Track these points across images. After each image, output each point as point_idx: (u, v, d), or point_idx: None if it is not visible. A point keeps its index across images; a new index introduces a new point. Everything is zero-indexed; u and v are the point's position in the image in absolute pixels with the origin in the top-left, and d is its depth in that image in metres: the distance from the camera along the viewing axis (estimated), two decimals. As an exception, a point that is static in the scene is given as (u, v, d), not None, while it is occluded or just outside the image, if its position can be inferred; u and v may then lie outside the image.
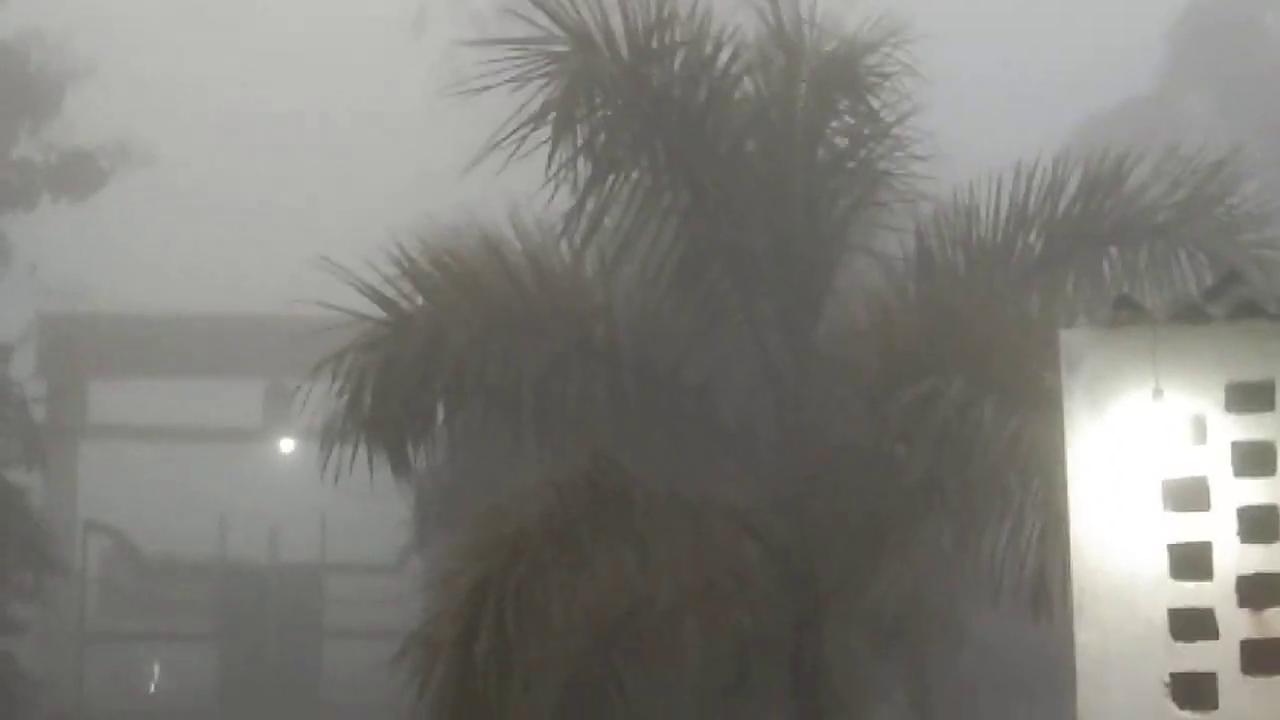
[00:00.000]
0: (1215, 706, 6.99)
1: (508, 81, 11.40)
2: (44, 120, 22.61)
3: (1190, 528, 7.13)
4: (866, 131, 12.02)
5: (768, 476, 11.54)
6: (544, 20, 11.58)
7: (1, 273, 22.13)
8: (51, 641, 23.30)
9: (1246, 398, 7.14)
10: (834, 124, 12.09)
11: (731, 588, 11.29)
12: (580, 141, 11.48)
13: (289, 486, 21.35)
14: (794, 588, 11.47)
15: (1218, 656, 7.03)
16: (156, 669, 26.52)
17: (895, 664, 13.34)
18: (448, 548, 11.71)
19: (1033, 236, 12.07)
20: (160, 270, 28.46)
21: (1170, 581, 7.10)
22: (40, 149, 22.77)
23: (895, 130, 11.95)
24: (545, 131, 11.37)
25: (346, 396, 11.61)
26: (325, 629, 24.74)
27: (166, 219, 29.79)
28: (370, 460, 11.65)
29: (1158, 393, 7.13)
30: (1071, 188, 12.05)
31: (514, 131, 11.29)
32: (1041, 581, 9.95)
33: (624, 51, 11.64)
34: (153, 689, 26.51)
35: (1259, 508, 7.09)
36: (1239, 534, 7.07)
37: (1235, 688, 6.98)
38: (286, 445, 25.50)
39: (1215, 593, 7.06)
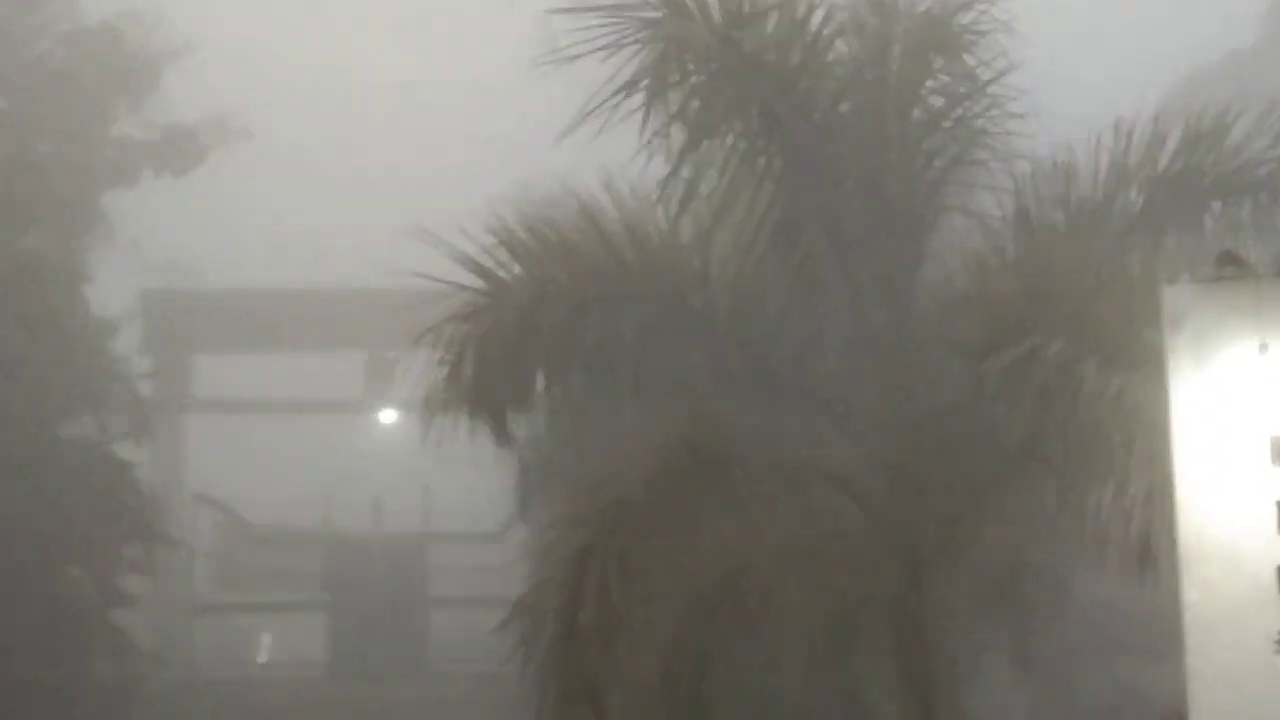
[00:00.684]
0: (1326, 664, 6.93)
1: (600, 49, 11.40)
2: (143, 98, 22.79)
3: (1298, 484, 7.05)
4: (962, 90, 11.92)
5: (866, 439, 11.51)
6: (636, -14, 11.57)
7: (105, 250, 22.37)
8: (162, 614, 23.65)
9: (1354, 351, 7.06)
10: (929, 84, 11.99)
11: (832, 550, 11.29)
12: (674, 108, 11.47)
13: (392, 457, 21.53)
14: (894, 549, 11.44)
15: (1328, 614, 6.96)
16: (266, 639, 26.86)
17: (999, 625, 13.26)
18: (550, 515, 11.76)
19: (1133, 194, 11.94)
20: (260, 244, 28.67)
21: (1279, 539, 7.03)
22: (140, 126, 22.95)
23: (991, 88, 11.84)
24: (638, 99, 11.37)
25: (447, 367, 11.69)
26: (430, 597, 24.96)
27: (265, 193, 29.97)
28: (472, 430, 11.73)
29: (1263, 347, 7.05)
30: (1172, 143, 11.89)
31: (607, 99, 11.30)
32: (1147, 541, 9.83)
33: (716, 16, 11.59)
34: (262, 659, 26.87)
35: (1368, 462, 7.01)
36: (1349, 489, 7.00)
37: (1346, 645, 6.91)
38: (389, 416, 25.72)
39: (1324, 549, 7.00)
